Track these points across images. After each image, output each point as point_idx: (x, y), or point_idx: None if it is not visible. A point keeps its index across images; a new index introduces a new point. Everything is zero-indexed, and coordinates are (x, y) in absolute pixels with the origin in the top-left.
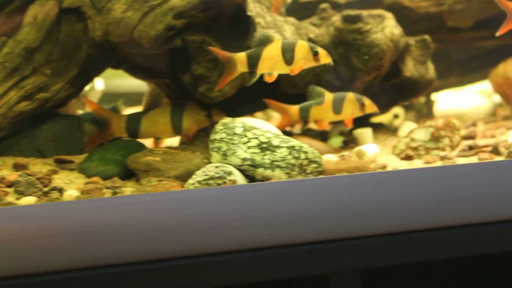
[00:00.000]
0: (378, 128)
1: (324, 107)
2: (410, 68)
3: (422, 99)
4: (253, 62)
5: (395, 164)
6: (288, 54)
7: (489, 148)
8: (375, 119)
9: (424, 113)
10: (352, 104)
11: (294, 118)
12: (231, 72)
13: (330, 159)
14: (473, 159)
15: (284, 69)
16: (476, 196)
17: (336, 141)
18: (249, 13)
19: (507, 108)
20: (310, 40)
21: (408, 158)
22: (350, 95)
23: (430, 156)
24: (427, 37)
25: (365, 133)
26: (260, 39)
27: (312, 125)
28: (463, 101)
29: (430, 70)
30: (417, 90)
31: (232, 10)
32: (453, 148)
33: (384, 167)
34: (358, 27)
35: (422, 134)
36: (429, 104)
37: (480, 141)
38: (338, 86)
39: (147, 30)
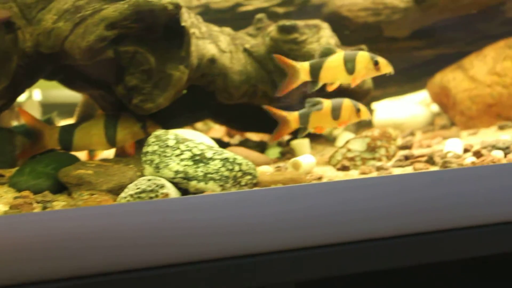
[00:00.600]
0: (317, 138)
1: (323, 113)
2: None
3: None
4: (315, 71)
5: (331, 175)
6: (349, 64)
7: (425, 158)
8: None
9: (365, 123)
10: (349, 110)
11: (294, 124)
12: (294, 80)
13: (266, 170)
14: (409, 169)
15: (346, 79)
16: (410, 208)
17: (274, 152)
18: (183, 24)
19: (444, 117)
20: (245, 50)
21: (344, 168)
22: (347, 101)
23: (366, 166)
24: (363, 47)
25: (302, 143)
26: (323, 51)
27: (250, 135)
28: (401, 110)
29: (367, 80)
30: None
31: (165, 21)
32: (390, 158)
33: (320, 178)
34: (294, 37)
35: (358, 144)
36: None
37: (416, 151)
38: (274, 97)
39: (78, 41)
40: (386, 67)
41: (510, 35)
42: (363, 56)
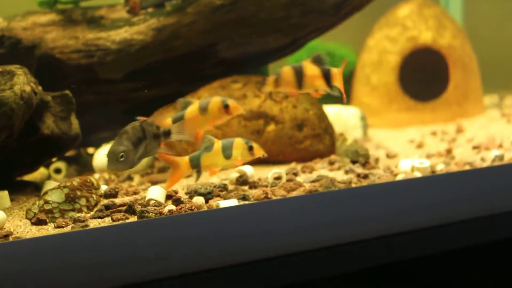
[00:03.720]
0: (25, 187)
1: (214, 154)
2: (49, 125)
3: (91, 150)
4: None
5: (24, 230)
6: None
7: (125, 207)
8: (27, 177)
9: (90, 165)
10: (241, 148)
11: (186, 169)
12: None
13: None
14: (108, 220)
15: None
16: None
17: None
18: None
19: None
20: None
21: (40, 222)
22: (239, 140)
23: (63, 219)
24: (68, 92)
25: (0, 196)
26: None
27: None
28: None
29: (74, 125)
30: (62, 147)
31: None
32: (91, 209)
33: (7, 236)
34: None
35: (56, 195)
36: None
37: (118, 200)
38: None
39: None
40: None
41: (224, 75)
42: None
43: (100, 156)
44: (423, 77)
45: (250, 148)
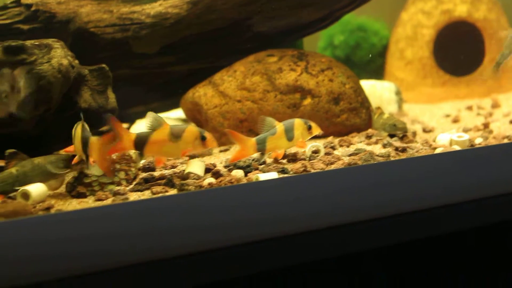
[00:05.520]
0: None
1: (278, 136)
2: (86, 99)
3: (125, 125)
4: None
5: (65, 203)
6: None
7: (164, 181)
8: (62, 151)
9: None
10: (301, 128)
11: (251, 150)
12: None
13: None
14: (147, 193)
15: None
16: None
17: None
18: None
19: None
20: None
21: (80, 195)
22: (298, 120)
23: (103, 192)
24: (104, 66)
25: None
26: None
27: None
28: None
29: (111, 99)
30: (99, 121)
31: None
32: (130, 182)
33: (49, 208)
34: (22, 58)
35: (95, 168)
36: None
37: (156, 173)
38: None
39: None
40: None
41: (259, 49)
42: None
43: (135, 131)
44: (458, 51)
45: (309, 128)
